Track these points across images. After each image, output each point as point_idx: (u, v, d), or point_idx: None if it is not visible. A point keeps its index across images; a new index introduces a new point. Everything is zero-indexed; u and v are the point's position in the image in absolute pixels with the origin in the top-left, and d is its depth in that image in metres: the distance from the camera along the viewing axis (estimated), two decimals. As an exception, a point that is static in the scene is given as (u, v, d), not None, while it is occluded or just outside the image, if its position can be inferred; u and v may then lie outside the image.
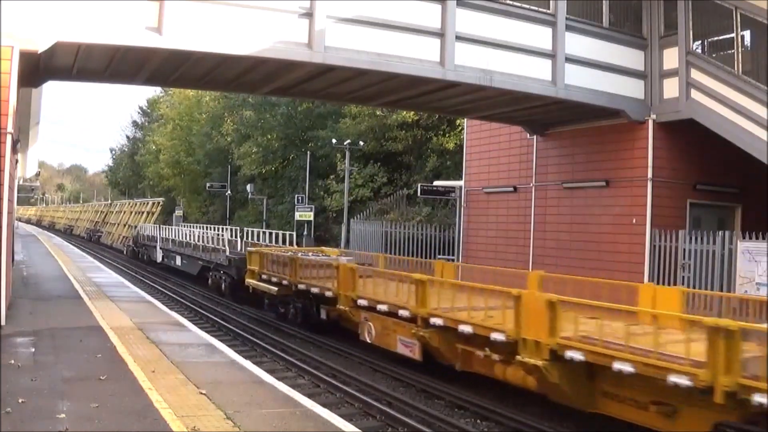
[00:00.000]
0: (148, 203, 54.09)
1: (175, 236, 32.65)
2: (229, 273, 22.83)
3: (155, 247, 33.70)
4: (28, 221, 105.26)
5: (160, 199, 54.16)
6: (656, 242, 15.34)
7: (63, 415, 6.67)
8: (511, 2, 14.14)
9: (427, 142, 34.21)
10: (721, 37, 15.17)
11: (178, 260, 29.65)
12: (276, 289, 16.76)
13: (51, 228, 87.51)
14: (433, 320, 11.09)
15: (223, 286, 23.35)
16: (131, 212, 54.73)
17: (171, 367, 9.14)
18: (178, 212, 50.38)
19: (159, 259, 32.66)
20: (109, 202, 71.65)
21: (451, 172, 29.97)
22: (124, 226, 52.05)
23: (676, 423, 7.86)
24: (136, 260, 38.68)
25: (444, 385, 11.51)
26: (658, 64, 15.82)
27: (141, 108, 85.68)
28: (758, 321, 12.50)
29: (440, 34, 13.32)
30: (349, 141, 34.25)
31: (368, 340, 13.20)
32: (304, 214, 34.31)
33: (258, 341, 15.60)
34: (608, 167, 16.40)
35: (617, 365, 7.90)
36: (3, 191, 10.45)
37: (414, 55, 13.09)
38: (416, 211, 29.91)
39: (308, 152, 38.76)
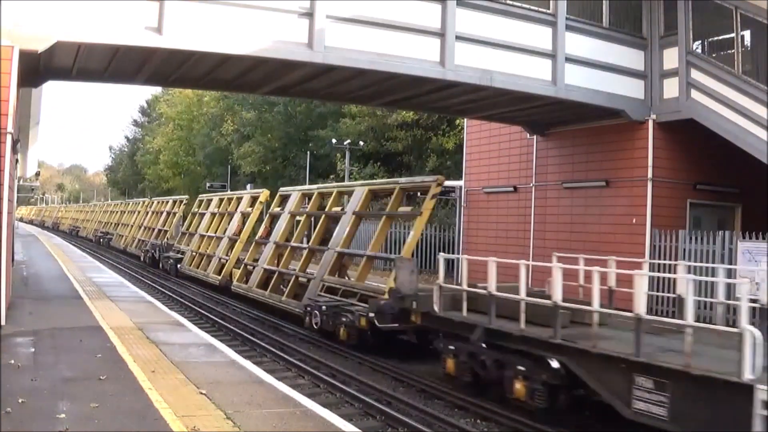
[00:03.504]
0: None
1: None
2: None
3: None
4: (42, 225, 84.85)
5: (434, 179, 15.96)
6: (656, 242, 15.34)
7: (63, 415, 6.67)
8: (511, 2, 14.14)
9: (427, 142, 34.24)
10: (721, 37, 15.17)
11: None
12: None
13: (74, 235, 62.65)
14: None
15: None
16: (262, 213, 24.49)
17: (171, 367, 9.14)
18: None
19: None
20: (182, 198, 36.90)
21: (451, 172, 29.97)
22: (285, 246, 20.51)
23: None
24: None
25: (444, 385, 11.51)
26: (658, 64, 15.82)
27: (141, 108, 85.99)
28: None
29: (440, 34, 13.32)
30: (349, 141, 34.29)
31: None
32: (305, 213, 34.14)
33: (258, 341, 15.58)
34: (608, 167, 16.39)
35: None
36: (3, 191, 10.45)
37: (414, 55, 13.10)
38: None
39: (308, 152, 38.79)
